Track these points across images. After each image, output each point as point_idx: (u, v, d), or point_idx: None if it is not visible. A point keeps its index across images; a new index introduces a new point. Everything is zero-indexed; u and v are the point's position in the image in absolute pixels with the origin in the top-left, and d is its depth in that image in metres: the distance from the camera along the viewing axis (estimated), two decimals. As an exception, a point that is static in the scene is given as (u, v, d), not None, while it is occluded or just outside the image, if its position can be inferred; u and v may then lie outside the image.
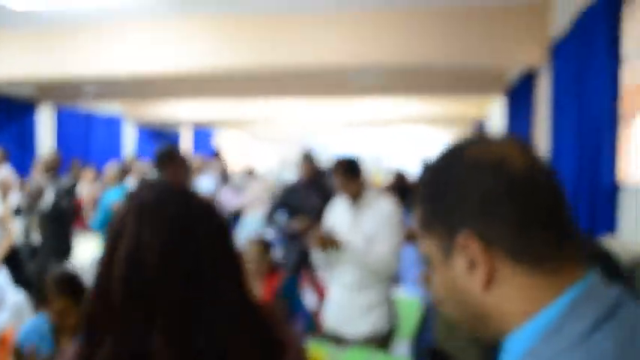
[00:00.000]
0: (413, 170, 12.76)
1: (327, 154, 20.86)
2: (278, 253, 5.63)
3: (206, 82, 9.45)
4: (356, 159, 3.64)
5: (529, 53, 5.62)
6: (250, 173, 10.05)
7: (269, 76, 8.71)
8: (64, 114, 11.54)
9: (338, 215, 3.31)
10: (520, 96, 6.66)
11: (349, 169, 3.25)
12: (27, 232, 5.42)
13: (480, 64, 6.58)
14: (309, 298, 4.94)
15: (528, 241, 0.80)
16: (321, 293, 4.64)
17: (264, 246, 3.61)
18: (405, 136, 19.27)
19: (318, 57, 6.14)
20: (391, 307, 3.17)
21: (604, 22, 3.62)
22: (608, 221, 3.45)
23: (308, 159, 5.21)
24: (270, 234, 6.26)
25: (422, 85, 8.49)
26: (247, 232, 6.46)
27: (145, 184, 1.14)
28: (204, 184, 8.33)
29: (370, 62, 6.07)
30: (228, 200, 9.00)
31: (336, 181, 3.28)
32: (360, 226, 3.11)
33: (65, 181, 5.25)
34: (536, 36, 5.52)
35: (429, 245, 0.88)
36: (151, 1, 5.89)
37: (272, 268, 3.61)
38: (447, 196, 0.85)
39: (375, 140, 20.33)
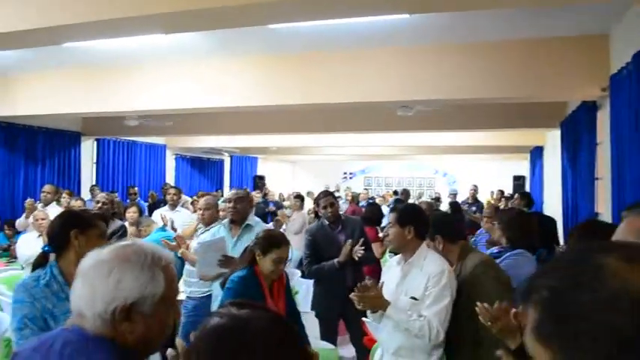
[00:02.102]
0: (464, 197, 12.42)
1: (371, 181, 20.84)
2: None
3: (248, 118, 9.40)
4: (414, 206, 3.41)
5: (588, 87, 5.34)
6: (299, 197, 9.83)
7: (313, 112, 8.61)
8: (106, 143, 11.77)
9: (389, 273, 3.08)
10: (579, 127, 6.35)
11: (401, 217, 2.95)
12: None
13: (537, 97, 6.27)
14: (347, 351, 4.68)
15: None
16: (371, 341, 4.38)
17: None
18: (455, 163, 18.91)
19: (366, 93, 5.96)
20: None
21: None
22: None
23: (331, 198, 4.85)
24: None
25: (475, 119, 8.20)
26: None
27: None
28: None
29: (423, 97, 5.88)
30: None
31: (390, 230, 2.99)
32: (407, 287, 2.88)
33: (115, 225, 5.11)
34: (596, 70, 5.23)
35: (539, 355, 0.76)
36: (193, 42, 5.84)
37: None
38: (574, 326, 0.71)
39: (423, 167, 19.98)
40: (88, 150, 11.32)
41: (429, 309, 2.74)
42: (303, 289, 5.89)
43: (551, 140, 9.54)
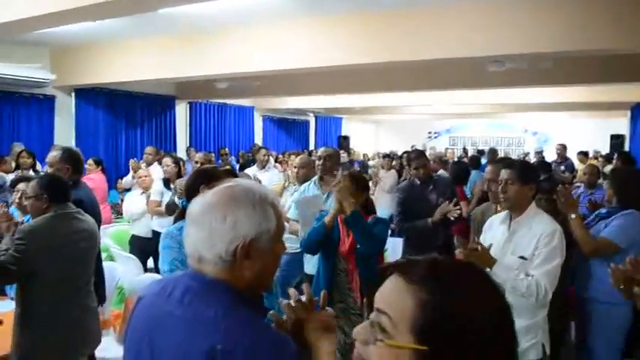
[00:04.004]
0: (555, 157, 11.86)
1: (457, 141, 20.37)
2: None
3: (333, 79, 9.41)
4: (533, 164, 3.31)
5: None
6: (388, 156, 9.86)
7: (398, 70, 8.50)
8: (198, 106, 12.30)
9: (493, 230, 2.98)
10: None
11: (524, 174, 2.83)
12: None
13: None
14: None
15: None
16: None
17: (357, 181, 3.31)
18: (547, 121, 18.10)
19: (455, 48, 5.79)
20: (545, 335, 2.90)
21: None
22: None
23: (424, 159, 4.84)
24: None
25: (570, 73, 7.75)
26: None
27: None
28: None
29: (514, 51, 5.61)
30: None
31: (506, 187, 2.83)
32: (515, 246, 2.79)
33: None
34: None
35: None
36: (279, 3, 5.92)
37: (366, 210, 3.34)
38: None
39: (512, 125, 19.26)
40: (181, 113, 11.88)
41: (538, 268, 2.68)
42: (391, 247, 6.01)
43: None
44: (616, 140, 13.79)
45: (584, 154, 12.03)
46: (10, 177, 5.73)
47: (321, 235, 3.31)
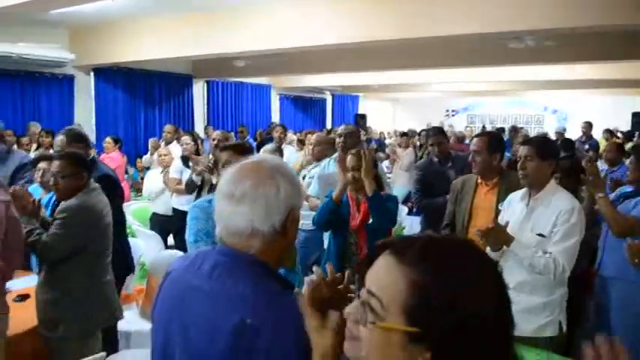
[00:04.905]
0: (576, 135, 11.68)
1: (475, 119, 20.18)
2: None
3: (351, 56, 9.33)
4: (552, 139, 3.27)
5: None
6: (404, 135, 9.84)
7: (416, 47, 8.41)
8: (216, 85, 12.33)
9: (512, 207, 2.94)
10: None
11: (542, 150, 2.79)
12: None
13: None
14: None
15: None
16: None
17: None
18: (566, 99, 17.81)
19: (473, 24, 5.72)
20: (563, 313, 2.91)
21: None
22: None
23: (441, 136, 4.83)
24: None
25: (591, 49, 7.59)
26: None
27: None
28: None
29: (534, 27, 5.54)
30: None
31: (525, 164, 2.79)
32: (533, 224, 2.76)
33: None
34: None
35: None
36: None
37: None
38: None
39: (531, 103, 18.99)
40: (199, 92, 11.93)
41: (556, 246, 2.66)
42: (409, 224, 6.05)
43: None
44: (637, 118, 13.54)
45: (610, 133, 11.79)
46: (32, 156, 5.81)
47: (330, 209, 3.34)
